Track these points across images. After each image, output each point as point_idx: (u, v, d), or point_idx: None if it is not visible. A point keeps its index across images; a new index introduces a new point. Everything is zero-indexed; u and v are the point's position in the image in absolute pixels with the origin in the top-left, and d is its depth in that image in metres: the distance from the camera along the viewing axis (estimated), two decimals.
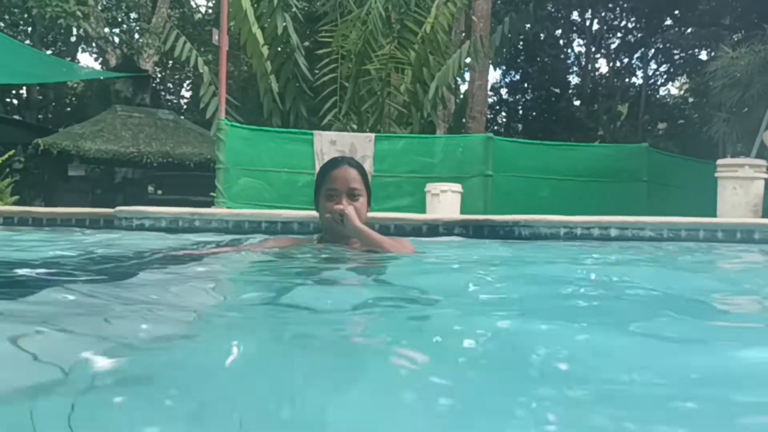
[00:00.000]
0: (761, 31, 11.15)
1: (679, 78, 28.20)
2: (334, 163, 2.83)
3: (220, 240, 4.35)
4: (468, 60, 11.93)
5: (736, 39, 17.15)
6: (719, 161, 7.45)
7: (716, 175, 7.22)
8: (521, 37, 20.14)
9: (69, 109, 30.16)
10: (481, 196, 9.39)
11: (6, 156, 10.42)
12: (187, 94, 32.19)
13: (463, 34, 15.23)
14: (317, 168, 9.51)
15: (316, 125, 11.73)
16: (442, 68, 11.32)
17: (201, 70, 11.43)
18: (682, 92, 28.91)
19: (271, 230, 5.36)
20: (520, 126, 27.66)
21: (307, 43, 14.33)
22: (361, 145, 9.50)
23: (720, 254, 4.27)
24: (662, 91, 28.90)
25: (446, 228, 5.40)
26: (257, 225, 5.43)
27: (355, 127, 11.81)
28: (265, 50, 11.54)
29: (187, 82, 31.21)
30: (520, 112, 28.00)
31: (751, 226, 5.01)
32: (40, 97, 27.22)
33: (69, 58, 25.84)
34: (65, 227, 6.12)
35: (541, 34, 25.15)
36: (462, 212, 7.94)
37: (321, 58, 12.16)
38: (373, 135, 9.83)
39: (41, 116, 27.96)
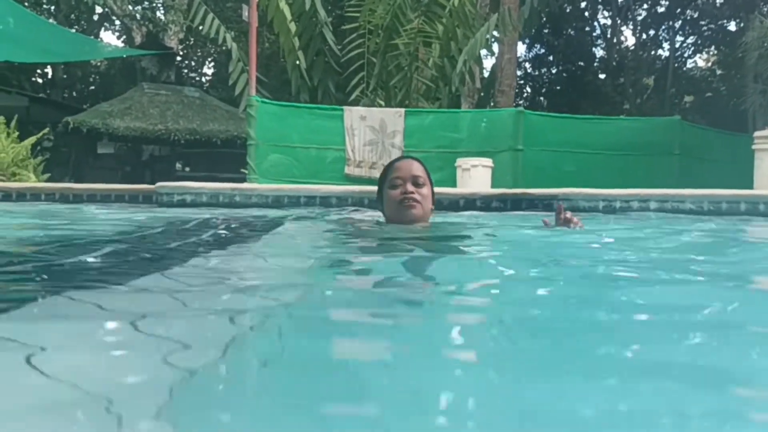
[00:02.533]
0: None
1: (707, 50, 27.69)
2: (396, 159, 2.99)
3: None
4: (496, 33, 11.82)
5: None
6: (756, 133, 7.35)
7: (753, 147, 7.14)
8: (547, 9, 19.85)
9: (93, 87, 30.36)
10: (511, 170, 9.35)
11: (40, 134, 10.56)
12: (209, 71, 32.24)
13: (488, 7, 15.07)
14: (347, 143, 9.59)
15: (343, 101, 11.72)
16: (469, 41, 11.23)
17: (229, 47, 11.43)
18: (710, 64, 28.40)
19: (310, 204, 5.43)
20: (544, 100, 27.38)
21: (330, 18, 14.25)
22: (391, 120, 9.50)
23: None
24: (689, 64, 28.41)
25: (484, 202, 5.42)
26: (296, 200, 5.50)
27: (382, 102, 11.78)
28: (292, 26, 11.51)
29: (209, 59, 31.24)
30: (545, 86, 27.69)
31: None
32: (65, 76, 27.40)
33: (92, 37, 25.95)
34: (104, 203, 6.24)
35: (567, 7, 24.76)
36: (493, 187, 7.94)
37: (348, 33, 12.11)
38: (402, 110, 9.82)
39: (66, 94, 28.18)
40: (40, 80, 27.82)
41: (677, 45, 26.73)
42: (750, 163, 7.24)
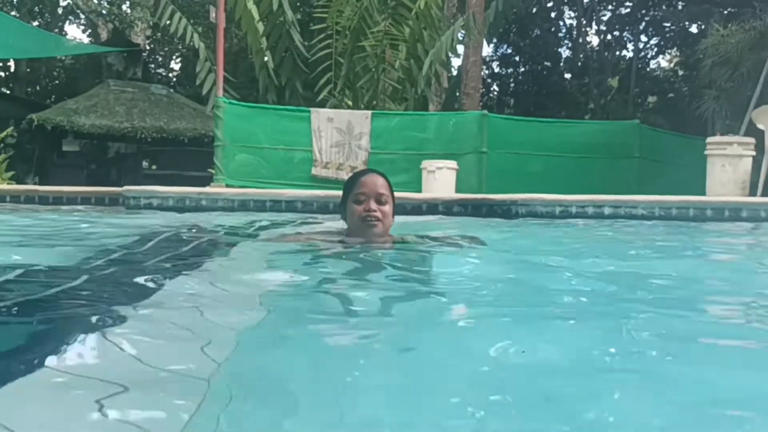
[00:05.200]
0: (752, 9, 11.28)
1: (669, 51, 28.24)
2: (362, 172, 3.08)
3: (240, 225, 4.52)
4: (461, 36, 11.99)
5: (726, 13, 17.23)
6: (709, 139, 7.63)
7: (706, 152, 7.41)
8: (514, 11, 20.13)
9: (57, 82, 29.86)
10: (476, 172, 9.53)
11: (4, 134, 10.46)
12: (177, 67, 31.90)
13: (455, 8, 15.23)
14: (314, 144, 9.68)
15: (311, 101, 11.79)
16: (436, 44, 11.39)
17: (197, 46, 11.43)
18: (672, 65, 28.97)
19: (275, 209, 5.52)
20: (511, 100, 27.69)
21: (299, 16, 14.28)
22: (357, 122, 9.61)
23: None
24: (653, 64, 28.96)
25: (445, 207, 5.58)
26: (262, 204, 5.59)
27: (350, 103, 11.89)
28: (260, 26, 11.55)
29: (176, 54, 30.92)
30: (512, 86, 28.00)
31: (739, 204, 5.21)
32: (29, 70, 26.92)
33: (56, 31, 25.50)
34: (71, 205, 6.25)
35: (533, 7, 25.08)
36: (457, 189, 8.11)
37: (316, 33, 12.19)
38: (369, 112, 9.94)
39: (30, 89, 27.68)
40: (2, 74, 27.30)
41: (641, 46, 27.24)
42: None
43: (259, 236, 3.85)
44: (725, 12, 17.64)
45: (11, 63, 25.72)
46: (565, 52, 28.28)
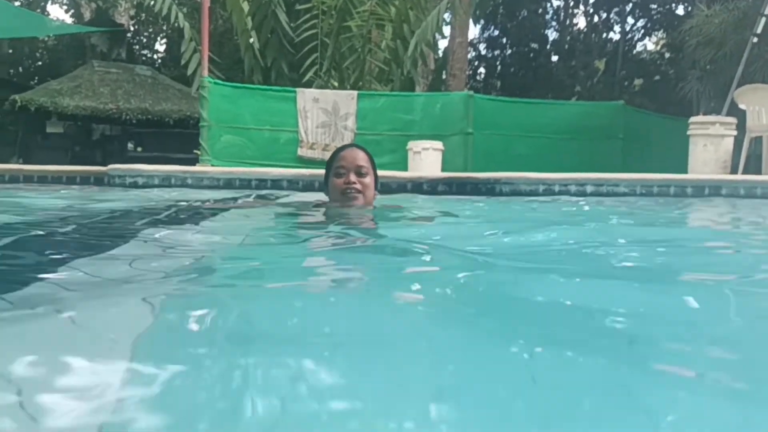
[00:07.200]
0: None
1: (656, 33, 28.30)
2: (343, 147, 3.11)
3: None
4: (447, 17, 11.97)
5: None
6: (691, 119, 7.70)
7: (688, 132, 7.47)
8: None
9: (40, 63, 29.50)
10: (462, 153, 9.57)
11: None
12: (161, 48, 31.58)
13: None
14: (300, 125, 9.68)
15: (297, 81, 11.75)
16: (422, 24, 11.37)
17: (181, 26, 11.33)
18: (658, 48, 29.04)
19: (261, 187, 5.55)
20: (498, 82, 27.69)
21: None
22: (344, 102, 9.61)
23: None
24: (639, 47, 29.01)
25: (430, 185, 5.62)
26: (247, 183, 5.61)
27: (336, 84, 11.86)
28: (245, 6, 11.47)
29: (161, 35, 30.60)
30: (499, 68, 28.00)
31: (718, 182, 5.29)
32: (11, 51, 26.58)
33: (38, 11, 25.18)
34: (56, 185, 6.24)
35: None
36: (443, 170, 8.14)
37: (302, 13, 12.12)
38: (355, 93, 9.93)
39: (12, 71, 27.35)
40: None
41: (627, 28, 27.28)
42: None
43: (236, 202, 3.92)
44: None
45: None
46: (552, 35, 28.28)
